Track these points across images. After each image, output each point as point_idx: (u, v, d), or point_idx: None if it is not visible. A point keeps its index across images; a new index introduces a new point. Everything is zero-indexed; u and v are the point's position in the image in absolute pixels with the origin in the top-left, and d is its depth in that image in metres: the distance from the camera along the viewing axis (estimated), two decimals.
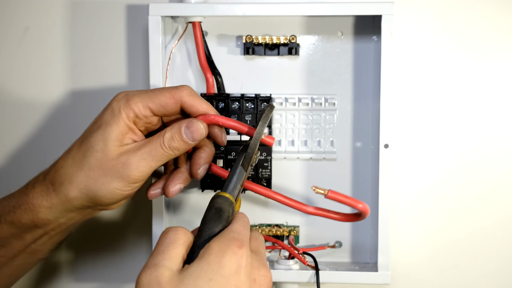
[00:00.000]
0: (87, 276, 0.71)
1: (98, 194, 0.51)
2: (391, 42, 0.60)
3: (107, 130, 0.50)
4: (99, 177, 0.50)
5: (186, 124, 0.51)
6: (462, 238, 0.67)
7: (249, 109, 0.63)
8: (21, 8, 0.68)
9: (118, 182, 0.50)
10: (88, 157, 0.51)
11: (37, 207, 0.52)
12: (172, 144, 0.51)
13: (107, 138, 0.50)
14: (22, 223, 0.53)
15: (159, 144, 0.50)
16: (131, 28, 0.68)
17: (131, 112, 0.51)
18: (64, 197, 0.51)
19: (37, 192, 0.52)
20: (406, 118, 0.67)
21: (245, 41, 0.64)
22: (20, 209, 0.52)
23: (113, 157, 0.50)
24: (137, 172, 0.50)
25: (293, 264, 0.63)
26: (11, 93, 0.69)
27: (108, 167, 0.50)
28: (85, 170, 0.51)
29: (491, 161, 0.67)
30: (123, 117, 0.50)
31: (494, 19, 0.66)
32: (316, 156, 0.66)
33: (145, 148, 0.50)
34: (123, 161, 0.50)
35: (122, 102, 0.51)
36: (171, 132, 0.51)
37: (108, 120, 0.51)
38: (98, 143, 0.50)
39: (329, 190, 0.52)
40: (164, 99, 0.51)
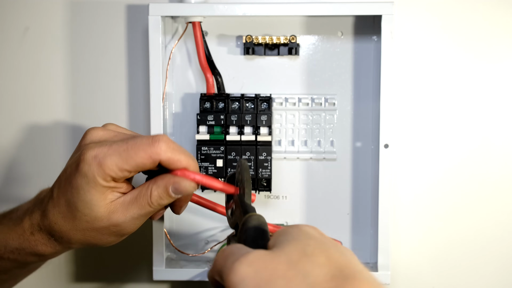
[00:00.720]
0: (87, 276, 0.71)
1: (95, 244, 0.52)
2: (391, 42, 0.60)
3: (88, 196, 0.48)
4: (96, 235, 0.50)
5: (173, 186, 0.49)
6: (462, 238, 0.67)
7: (249, 109, 0.63)
8: (21, 8, 0.68)
9: (113, 238, 0.51)
10: (78, 221, 0.49)
11: (42, 252, 0.52)
12: (160, 203, 0.50)
13: (91, 203, 0.48)
14: (28, 261, 0.53)
15: (147, 204, 0.49)
16: (131, 28, 0.68)
17: (108, 176, 0.47)
18: (66, 245, 0.52)
19: (38, 240, 0.52)
20: (406, 118, 0.67)
21: (245, 41, 0.64)
22: (25, 252, 0.52)
23: (103, 220, 0.49)
24: (130, 229, 0.51)
25: None
26: (11, 93, 0.69)
27: (101, 229, 0.50)
28: (80, 230, 0.50)
29: (491, 161, 0.67)
30: (100, 182, 0.47)
31: (494, 19, 0.66)
32: (316, 156, 0.66)
33: (134, 209, 0.49)
34: (115, 224, 0.49)
35: (94, 167, 0.47)
36: (157, 192, 0.49)
37: (83, 186, 0.48)
38: (84, 209, 0.48)
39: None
40: (140, 160, 0.47)
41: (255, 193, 0.51)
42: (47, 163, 0.70)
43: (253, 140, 0.63)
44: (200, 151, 0.63)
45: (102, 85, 0.69)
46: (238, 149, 0.62)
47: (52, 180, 0.53)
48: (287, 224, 0.67)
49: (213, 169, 0.63)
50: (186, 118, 0.66)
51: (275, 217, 0.67)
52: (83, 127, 0.69)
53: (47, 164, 0.70)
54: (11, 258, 0.52)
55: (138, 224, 0.51)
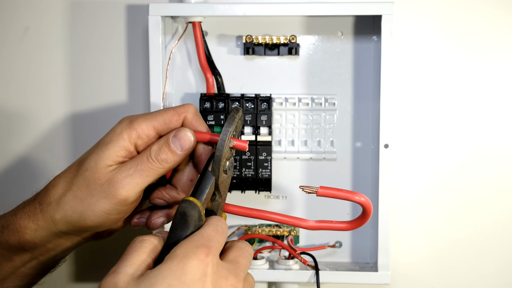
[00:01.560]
0: (87, 276, 0.71)
1: (83, 217, 0.48)
2: (391, 42, 0.60)
3: (102, 149, 0.48)
4: (86, 197, 0.48)
5: (174, 133, 0.48)
6: (462, 238, 0.67)
7: (249, 109, 0.63)
8: (21, 8, 0.68)
9: (104, 202, 0.48)
10: (78, 177, 0.49)
11: (23, 228, 0.50)
12: (159, 156, 0.48)
13: (99, 157, 0.48)
14: (9, 244, 0.51)
15: (145, 157, 0.48)
16: (131, 28, 0.68)
17: (134, 132, 0.48)
18: (49, 219, 0.49)
19: (25, 212, 0.50)
20: (406, 118, 0.67)
21: (245, 41, 0.64)
22: (8, 230, 0.50)
23: (101, 176, 0.48)
24: (123, 189, 0.47)
25: (293, 264, 0.63)
26: (11, 93, 0.69)
27: (95, 187, 0.48)
28: (73, 190, 0.48)
29: (491, 161, 0.67)
30: (124, 138, 0.48)
31: (494, 19, 0.66)
32: (316, 156, 0.66)
33: (131, 164, 0.48)
34: (109, 179, 0.48)
35: (124, 124, 0.49)
36: (158, 144, 0.48)
37: (107, 141, 0.49)
38: (89, 162, 0.48)
39: (319, 187, 0.48)
40: (168, 116, 0.49)
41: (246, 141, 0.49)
42: (47, 163, 0.70)
43: (253, 140, 0.63)
44: None
45: (102, 85, 0.69)
46: None
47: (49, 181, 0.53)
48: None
49: None
50: None
51: None
52: (83, 127, 0.69)
53: (47, 164, 0.70)
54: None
55: (131, 185, 0.47)
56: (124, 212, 0.49)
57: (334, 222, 0.51)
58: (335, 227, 0.51)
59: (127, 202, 0.48)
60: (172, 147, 0.48)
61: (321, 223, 0.51)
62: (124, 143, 0.48)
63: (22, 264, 0.52)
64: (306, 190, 0.48)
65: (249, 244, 0.46)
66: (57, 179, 0.51)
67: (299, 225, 0.51)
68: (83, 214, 0.48)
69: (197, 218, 0.43)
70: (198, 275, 0.39)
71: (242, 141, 0.48)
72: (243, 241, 0.46)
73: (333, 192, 0.48)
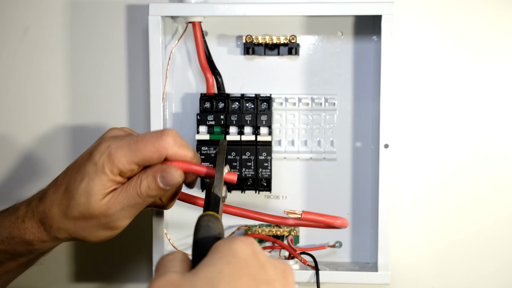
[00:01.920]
0: (87, 276, 0.71)
1: (87, 239, 0.53)
2: (391, 42, 0.60)
3: (90, 185, 0.50)
4: (86, 227, 0.51)
5: (161, 174, 0.50)
6: (462, 238, 0.67)
7: (249, 109, 0.63)
8: (21, 8, 0.68)
9: (104, 231, 0.52)
10: (72, 209, 0.51)
11: (31, 241, 0.53)
12: (149, 193, 0.50)
13: (90, 193, 0.50)
14: (17, 251, 0.54)
15: (136, 194, 0.50)
16: (131, 28, 0.68)
17: (115, 168, 0.49)
18: (54, 237, 0.53)
19: (28, 228, 0.53)
20: (406, 118, 0.67)
21: (245, 41, 0.64)
22: (14, 241, 0.53)
23: (95, 212, 0.50)
24: (120, 222, 0.51)
25: (293, 264, 0.63)
26: (11, 93, 0.69)
27: (92, 220, 0.51)
28: (71, 220, 0.51)
29: (491, 161, 0.67)
30: (107, 173, 0.49)
31: (494, 19, 0.66)
32: (316, 156, 0.66)
33: (124, 199, 0.50)
34: (105, 215, 0.50)
35: (104, 156, 0.50)
36: (146, 182, 0.50)
37: (90, 174, 0.50)
38: (80, 197, 0.50)
39: (303, 211, 0.52)
40: (148, 154, 0.49)
41: (235, 172, 0.52)
42: (47, 163, 0.70)
43: (253, 140, 0.63)
44: (200, 151, 0.63)
45: (102, 85, 0.69)
46: (238, 149, 0.62)
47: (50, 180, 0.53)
48: None
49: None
50: (186, 118, 0.66)
51: None
52: (83, 127, 0.69)
53: (47, 164, 0.70)
54: (1, 248, 0.53)
55: (127, 217, 0.51)
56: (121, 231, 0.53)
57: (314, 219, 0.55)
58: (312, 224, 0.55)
59: (125, 227, 0.53)
60: (161, 186, 0.50)
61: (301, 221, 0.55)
62: (109, 177, 0.50)
63: (27, 261, 0.56)
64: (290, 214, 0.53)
65: None
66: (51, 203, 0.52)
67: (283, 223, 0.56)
68: (86, 237, 0.53)
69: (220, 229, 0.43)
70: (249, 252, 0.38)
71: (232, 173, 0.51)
72: None
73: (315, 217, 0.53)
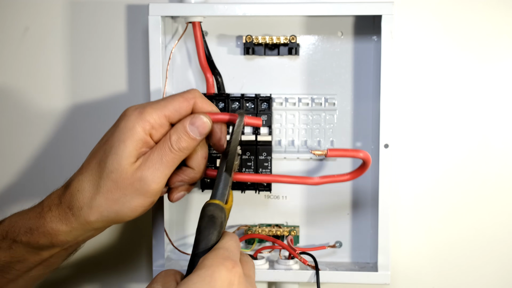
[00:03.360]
0: (87, 276, 0.71)
1: (120, 214, 0.51)
2: (391, 42, 0.60)
3: (121, 148, 0.49)
4: (119, 198, 0.50)
5: (190, 121, 0.50)
6: (462, 238, 0.67)
7: (249, 109, 0.63)
8: (21, 8, 0.68)
9: (138, 198, 0.50)
10: (104, 179, 0.50)
11: (55, 231, 0.51)
12: (181, 145, 0.50)
13: (121, 156, 0.49)
14: (40, 244, 0.52)
15: (167, 149, 0.50)
16: (131, 28, 0.68)
17: (147, 124, 0.49)
18: (84, 221, 0.51)
19: (54, 216, 0.51)
20: (406, 118, 0.67)
21: (245, 41, 0.64)
22: (38, 232, 0.51)
23: (129, 175, 0.49)
24: (154, 184, 0.50)
25: (293, 264, 0.63)
26: (11, 93, 0.69)
27: (126, 186, 0.49)
28: (103, 193, 0.50)
29: (491, 161, 0.67)
30: (139, 131, 0.49)
31: (494, 19, 0.66)
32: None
33: (156, 158, 0.50)
34: (139, 177, 0.49)
35: (134, 116, 0.50)
36: (176, 134, 0.50)
37: (122, 138, 0.49)
38: (112, 163, 0.49)
39: (328, 149, 0.54)
40: (178, 104, 0.51)
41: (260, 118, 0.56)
42: (47, 163, 0.70)
43: (253, 140, 0.63)
44: None
45: (102, 85, 0.68)
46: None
47: (52, 180, 0.53)
48: (287, 224, 0.67)
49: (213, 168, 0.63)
50: None
51: (275, 217, 0.67)
52: (83, 127, 0.69)
53: (47, 165, 0.70)
54: (23, 241, 0.52)
55: (161, 177, 0.50)
56: (156, 198, 0.52)
57: (336, 176, 0.57)
58: (338, 179, 0.57)
59: (159, 192, 0.51)
60: (191, 135, 0.50)
61: (325, 178, 0.56)
62: (140, 136, 0.50)
63: (50, 256, 0.54)
64: (317, 153, 0.54)
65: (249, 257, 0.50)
66: (80, 182, 0.51)
67: (305, 183, 0.56)
68: (120, 212, 0.50)
69: (223, 219, 0.47)
70: (226, 283, 0.42)
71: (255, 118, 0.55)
72: (247, 255, 0.50)
73: (340, 152, 0.55)
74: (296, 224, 0.67)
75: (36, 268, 0.55)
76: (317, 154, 0.54)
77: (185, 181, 0.54)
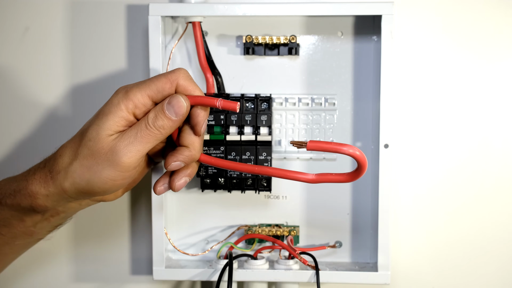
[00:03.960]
0: (87, 276, 0.71)
1: (91, 183, 0.51)
2: (391, 42, 0.60)
3: (102, 120, 0.51)
4: (92, 166, 0.51)
5: (168, 100, 0.51)
6: (463, 238, 0.67)
7: (249, 109, 0.63)
8: (21, 8, 0.68)
9: (109, 170, 0.51)
10: (82, 147, 0.51)
11: (35, 194, 0.53)
12: (156, 123, 0.51)
13: (101, 127, 0.51)
14: (22, 206, 0.54)
15: (144, 125, 0.51)
16: (131, 28, 0.68)
17: (130, 103, 0.51)
18: (59, 186, 0.52)
19: (36, 179, 0.53)
20: (406, 118, 0.67)
21: (245, 41, 0.64)
22: (20, 194, 0.53)
23: (104, 145, 0.51)
24: (126, 157, 0.51)
25: (293, 264, 0.63)
26: (11, 93, 0.69)
27: (99, 155, 0.51)
28: (79, 159, 0.51)
29: (491, 161, 0.67)
30: (122, 109, 0.51)
31: (495, 19, 0.66)
32: (316, 156, 0.66)
33: (131, 132, 0.51)
34: (112, 148, 0.51)
35: (120, 94, 0.52)
36: (154, 112, 0.51)
37: (106, 112, 0.52)
38: (92, 132, 0.51)
39: (309, 141, 0.48)
40: (160, 84, 0.52)
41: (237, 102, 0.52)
42: None
43: (253, 140, 0.62)
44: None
45: (102, 85, 0.68)
46: (238, 149, 0.62)
47: None
48: (287, 224, 0.67)
49: (213, 169, 0.63)
50: None
51: (275, 217, 0.67)
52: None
53: None
54: (8, 203, 0.54)
55: (133, 152, 0.51)
56: (128, 177, 0.53)
57: (334, 175, 0.52)
58: (334, 179, 0.52)
59: (130, 168, 0.51)
60: (167, 114, 0.51)
61: (322, 176, 0.52)
62: (122, 113, 0.51)
63: (33, 224, 0.56)
64: (296, 144, 0.49)
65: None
66: (63, 148, 0.53)
67: (298, 179, 0.52)
68: (90, 181, 0.51)
69: None
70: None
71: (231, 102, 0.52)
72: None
73: (321, 145, 0.48)
74: (296, 224, 0.67)
75: (21, 237, 0.57)
76: (296, 145, 0.49)
77: (180, 161, 0.54)
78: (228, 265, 0.60)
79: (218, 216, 0.67)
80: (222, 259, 0.63)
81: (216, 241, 0.67)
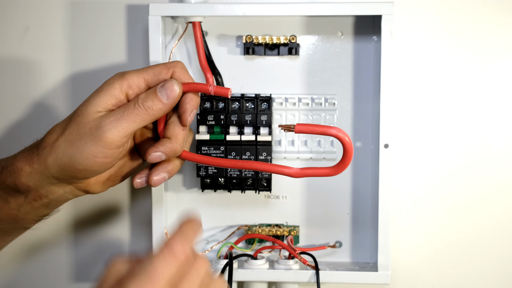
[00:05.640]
0: (87, 276, 0.71)
1: (72, 159, 0.51)
2: (391, 42, 0.60)
3: (93, 97, 0.52)
4: (75, 140, 0.51)
5: (162, 83, 0.52)
6: (462, 238, 0.67)
7: (249, 109, 0.63)
8: (21, 8, 0.68)
9: (91, 145, 0.50)
10: (70, 123, 0.52)
11: (19, 170, 0.52)
12: (145, 103, 0.51)
13: (90, 103, 0.52)
14: (6, 184, 0.53)
15: (132, 104, 0.51)
16: (131, 28, 0.68)
17: (125, 82, 0.52)
18: (43, 162, 0.52)
19: (23, 155, 0.53)
20: (406, 118, 0.67)
21: (245, 41, 0.64)
22: (6, 171, 0.53)
23: (90, 120, 0.51)
24: (110, 133, 0.50)
25: (293, 264, 0.63)
26: (11, 92, 0.69)
27: (84, 130, 0.51)
28: (65, 134, 0.52)
29: (491, 161, 0.67)
30: (115, 87, 0.52)
31: (494, 19, 0.66)
32: (316, 156, 0.66)
33: (119, 110, 0.51)
34: (97, 123, 0.51)
35: (117, 75, 0.53)
36: (146, 92, 0.52)
37: (98, 90, 0.52)
38: (81, 108, 0.52)
39: (297, 124, 0.49)
40: (158, 69, 0.52)
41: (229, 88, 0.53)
42: None
43: (253, 140, 0.62)
44: (200, 151, 0.63)
45: None
46: (238, 149, 0.62)
47: None
48: (287, 224, 0.67)
49: (213, 169, 0.63)
50: None
51: (275, 217, 0.67)
52: None
53: None
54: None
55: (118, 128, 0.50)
56: (111, 156, 0.52)
57: (318, 169, 0.52)
58: (319, 173, 0.52)
59: (112, 145, 0.51)
60: (158, 96, 0.51)
61: (306, 170, 0.52)
62: (115, 91, 0.52)
63: (17, 207, 0.55)
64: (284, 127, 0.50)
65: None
66: (54, 126, 0.54)
67: (283, 173, 0.52)
68: (72, 156, 0.51)
69: None
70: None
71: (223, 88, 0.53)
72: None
73: (309, 128, 0.49)
74: (296, 224, 0.67)
75: (6, 220, 0.55)
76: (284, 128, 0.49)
77: (161, 151, 0.53)
78: (228, 265, 0.61)
79: (218, 216, 0.67)
80: (222, 259, 0.63)
81: (216, 241, 0.67)
